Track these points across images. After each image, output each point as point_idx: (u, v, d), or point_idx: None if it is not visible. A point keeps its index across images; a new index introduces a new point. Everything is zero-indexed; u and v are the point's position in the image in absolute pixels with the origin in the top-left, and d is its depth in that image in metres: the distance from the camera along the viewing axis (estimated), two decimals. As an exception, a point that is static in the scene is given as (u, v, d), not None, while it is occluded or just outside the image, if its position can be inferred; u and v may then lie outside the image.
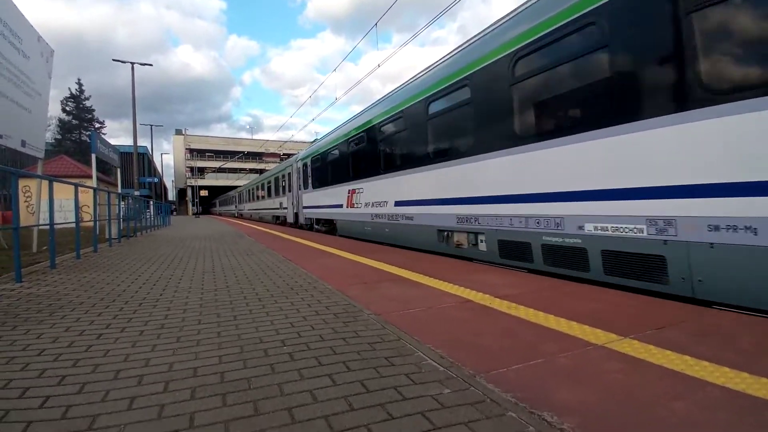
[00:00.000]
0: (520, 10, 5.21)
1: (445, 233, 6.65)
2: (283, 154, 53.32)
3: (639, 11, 3.64)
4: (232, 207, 45.09)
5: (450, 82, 6.22)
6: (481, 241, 5.76)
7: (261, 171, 52.16)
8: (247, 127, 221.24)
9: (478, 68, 5.63)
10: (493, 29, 5.67)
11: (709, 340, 2.27)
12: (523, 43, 4.85)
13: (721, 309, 2.94)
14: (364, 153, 9.71)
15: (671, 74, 3.42)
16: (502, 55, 5.19)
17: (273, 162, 54.94)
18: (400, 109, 7.79)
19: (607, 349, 2.21)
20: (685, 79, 3.31)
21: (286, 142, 47.39)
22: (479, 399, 1.71)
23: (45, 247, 7.90)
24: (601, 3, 3.93)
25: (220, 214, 55.79)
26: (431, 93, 6.72)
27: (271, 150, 57.32)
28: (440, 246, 6.75)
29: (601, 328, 2.54)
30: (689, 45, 3.27)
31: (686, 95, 3.31)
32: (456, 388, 1.82)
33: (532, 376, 1.92)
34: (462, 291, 3.70)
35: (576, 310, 2.96)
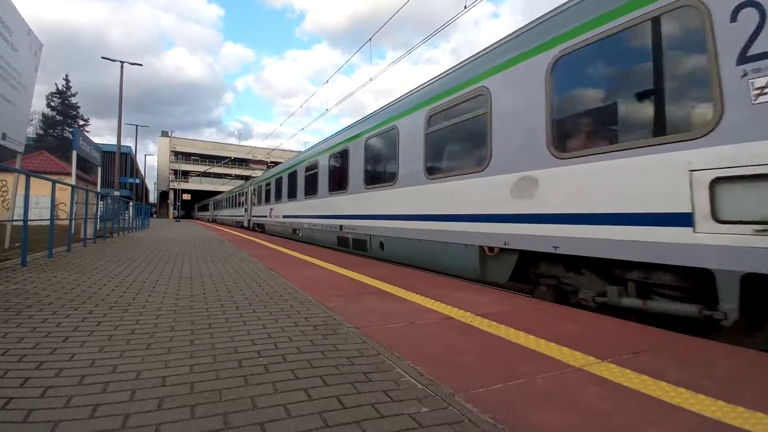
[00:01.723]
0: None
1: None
2: (270, 162, 51.17)
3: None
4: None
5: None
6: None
7: (247, 177, 49.48)
8: (236, 133, 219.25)
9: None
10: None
11: (686, 367, 2.29)
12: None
13: (696, 337, 2.98)
14: None
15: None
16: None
17: (260, 169, 53.01)
18: None
19: (586, 372, 2.21)
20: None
21: (273, 149, 47.06)
22: (458, 419, 1.68)
23: (18, 244, 7.63)
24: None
25: (213, 220, 43.22)
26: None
27: (259, 157, 56.60)
28: None
29: (580, 350, 2.55)
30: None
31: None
32: (434, 407, 1.79)
33: (511, 397, 1.90)
34: (444, 307, 3.68)
35: (556, 330, 2.96)
